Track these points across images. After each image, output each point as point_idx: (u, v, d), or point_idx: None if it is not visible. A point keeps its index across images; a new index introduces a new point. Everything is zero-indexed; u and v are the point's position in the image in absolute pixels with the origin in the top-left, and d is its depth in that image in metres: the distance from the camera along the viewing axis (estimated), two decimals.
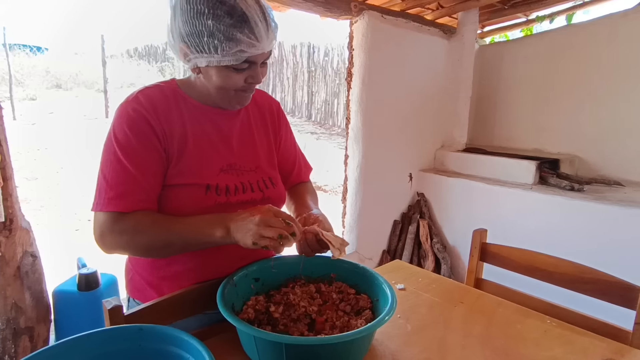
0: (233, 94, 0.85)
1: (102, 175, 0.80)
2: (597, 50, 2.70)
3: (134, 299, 0.93)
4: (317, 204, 1.04)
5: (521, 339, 0.88)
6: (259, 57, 0.80)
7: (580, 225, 2.23)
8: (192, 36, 0.76)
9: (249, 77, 0.83)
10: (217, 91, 0.84)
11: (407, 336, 0.87)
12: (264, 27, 0.77)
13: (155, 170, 0.82)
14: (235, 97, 0.86)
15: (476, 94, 3.23)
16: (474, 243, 1.25)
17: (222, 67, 0.79)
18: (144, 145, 0.80)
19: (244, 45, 0.75)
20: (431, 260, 2.81)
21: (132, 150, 0.79)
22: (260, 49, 0.78)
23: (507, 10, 2.95)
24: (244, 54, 0.77)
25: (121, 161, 0.79)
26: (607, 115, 2.69)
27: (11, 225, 1.52)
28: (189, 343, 0.61)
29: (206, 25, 0.74)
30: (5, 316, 1.56)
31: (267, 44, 0.79)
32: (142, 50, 11.64)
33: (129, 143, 0.79)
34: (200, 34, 0.75)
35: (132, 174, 0.79)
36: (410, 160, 2.95)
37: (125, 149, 0.79)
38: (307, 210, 0.95)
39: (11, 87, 7.38)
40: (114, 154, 0.79)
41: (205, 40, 0.75)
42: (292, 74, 8.64)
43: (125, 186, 0.79)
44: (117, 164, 0.79)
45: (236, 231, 0.75)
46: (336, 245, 0.79)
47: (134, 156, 0.79)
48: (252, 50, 0.77)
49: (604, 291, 1.02)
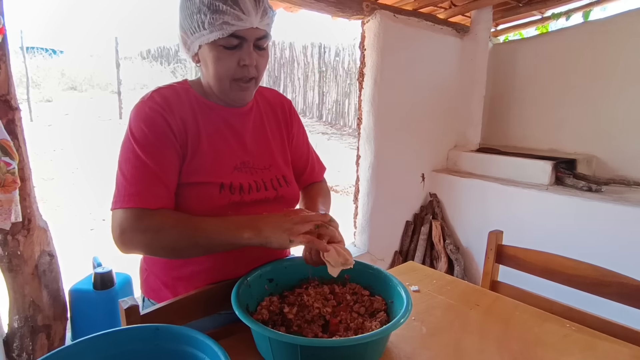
0: (228, 86, 0.84)
1: (120, 174, 0.80)
2: (615, 48, 2.64)
3: (149, 298, 0.94)
4: (329, 207, 1.03)
5: (540, 343, 0.86)
6: (249, 33, 0.79)
7: (598, 227, 2.18)
8: (185, 19, 0.80)
9: (241, 58, 0.81)
10: (213, 80, 0.84)
11: (422, 339, 0.86)
12: (251, 1, 0.78)
13: (173, 167, 0.82)
14: (231, 89, 0.85)
15: (490, 93, 3.19)
16: (490, 245, 1.23)
17: (213, 47, 0.80)
18: (162, 142, 0.81)
19: (228, 17, 0.76)
20: (444, 261, 2.78)
21: (151, 148, 0.79)
22: (247, 23, 0.78)
23: (521, 8, 2.91)
24: (230, 27, 0.77)
25: (140, 158, 0.78)
26: (625, 114, 2.63)
27: (29, 225, 1.54)
28: (205, 343, 0.61)
29: (194, 2, 0.77)
30: (24, 314, 1.59)
31: (255, 19, 0.78)
32: (155, 52, 11.78)
33: (147, 140, 0.80)
34: (191, 13, 0.78)
35: (152, 170, 0.78)
36: (422, 161, 2.93)
37: (143, 147, 0.79)
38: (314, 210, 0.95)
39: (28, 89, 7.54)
40: (133, 152, 0.79)
41: (195, 17, 0.78)
42: (303, 74, 8.65)
43: (146, 182, 0.78)
44: (137, 161, 0.79)
45: (271, 232, 0.76)
46: (335, 265, 0.77)
47: (153, 153, 0.79)
48: (238, 23, 0.77)
49: (626, 295, 0.99)
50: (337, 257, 0.78)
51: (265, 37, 0.83)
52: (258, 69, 0.84)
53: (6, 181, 1.34)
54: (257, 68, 0.84)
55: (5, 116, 1.42)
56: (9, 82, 1.43)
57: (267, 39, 0.83)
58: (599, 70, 2.72)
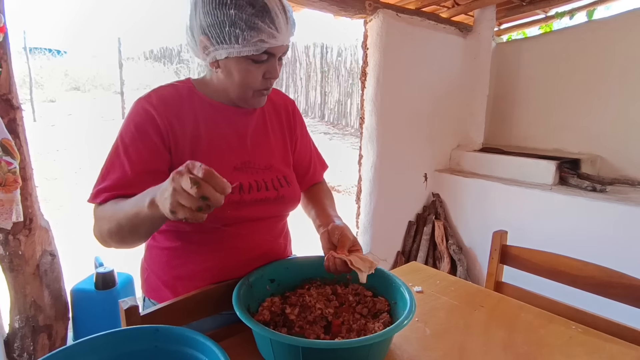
0: (251, 95, 0.85)
1: (103, 166, 0.81)
2: (620, 47, 2.61)
3: (150, 298, 0.93)
4: (334, 207, 1.02)
5: (545, 345, 0.85)
6: (278, 49, 0.80)
7: (603, 228, 2.16)
8: (213, 27, 0.77)
9: (267, 71, 0.82)
10: (236, 89, 0.84)
11: (426, 340, 0.85)
12: (284, 19, 0.78)
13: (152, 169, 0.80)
14: (253, 97, 0.86)
15: (493, 93, 3.17)
16: (494, 245, 1.22)
17: (242, 59, 0.79)
18: (146, 145, 0.80)
19: (264, 35, 0.76)
20: (447, 262, 2.77)
21: (132, 148, 0.80)
22: (280, 40, 0.78)
23: (525, 7, 2.89)
24: (264, 44, 0.77)
25: (120, 156, 0.80)
26: (630, 114, 2.61)
27: (31, 224, 1.54)
28: (205, 345, 0.60)
29: (228, 14, 0.75)
30: (25, 314, 1.59)
31: (286, 36, 0.79)
32: (157, 52, 11.80)
33: (132, 140, 0.80)
34: (222, 23, 0.75)
35: (125, 171, 0.79)
36: (425, 160, 2.91)
37: (127, 146, 0.80)
38: (328, 219, 0.93)
39: (31, 90, 7.57)
40: (116, 149, 0.81)
41: (227, 30, 0.75)
42: (305, 74, 8.64)
43: (115, 181, 0.79)
44: (116, 159, 0.80)
45: (159, 199, 0.62)
46: (365, 270, 0.78)
47: (132, 154, 0.79)
48: (272, 40, 0.77)
49: (631, 296, 0.98)
50: (364, 263, 0.79)
51: (288, 49, 0.84)
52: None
53: (7, 181, 1.34)
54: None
55: (6, 115, 1.42)
56: (10, 81, 1.42)
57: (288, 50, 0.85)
58: (603, 70, 2.70)
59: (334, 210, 1.00)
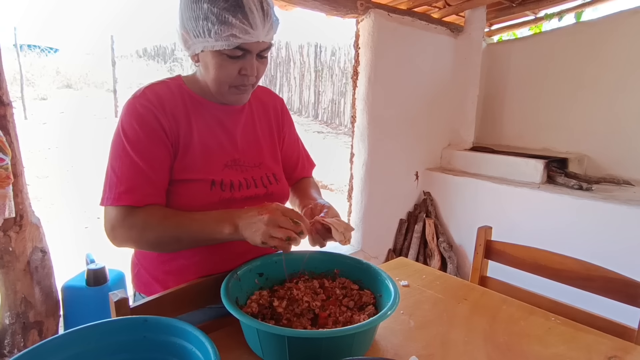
0: (227, 90, 0.85)
1: (111, 170, 0.81)
2: (607, 48, 2.67)
3: (140, 293, 0.95)
4: (320, 195, 1.04)
5: (524, 335, 0.87)
6: (254, 46, 0.79)
7: (589, 225, 2.21)
8: (189, 20, 0.78)
9: (243, 68, 0.82)
10: (212, 83, 0.84)
11: (410, 332, 0.87)
12: (260, 15, 0.77)
13: (164, 164, 0.83)
14: (229, 93, 0.86)
15: (483, 93, 3.21)
16: (479, 240, 1.25)
17: (217, 54, 0.79)
18: (153, 140, 0.82)
19: (236, 30, 0.75)
20: (437, 259, 2.80)
21: (141, 145, 0.81)
22: (254, 37, 0.77)
23: (515, 8, 2.93)
24: (236, 40, 0.76)
25: (130, 156, 0.80)
26: (616, 114, 2.66)
27: (21, 221, 1.55)
28: (193, 335, 0.62)
29: (202, 8, 0.75)
30: (15, 310, 1.59)
31: (261, 33, 0.78)
32: (151, 50, 11.72)
33: (138, 138, 0.81)
34: (196, 17, 0.76)
35: (142, 169, 0.80)
36: (416, 159, 2.94)
37: (134, 144, 0.80)
38: (312, 201, 0.96)
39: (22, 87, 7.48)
40: (123, 149, 0.80)
41: (201, 23, 0.76)
42: (299, 73, 8.65)
43: (135, 181, 0.80)
44: (127, 159, 0.80)
45: (245, 229, 0.76)
46: (340, 229, 0.80)
47: (143, 151, 0.81)
48: (245, 36, 0.76)
49: (609, 289, 1.01)
50: (340, 223, 0.82)
51: (269, 47, 0.83)
52: (257, 75, 0.85)
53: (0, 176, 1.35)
54: (257, 74, 0.85)
55: None
56: (0, 77, 1.43)
57: (269, 49, 0.84)
58: (591, 71, 2.75)
59: (319, 196, 1.03)
